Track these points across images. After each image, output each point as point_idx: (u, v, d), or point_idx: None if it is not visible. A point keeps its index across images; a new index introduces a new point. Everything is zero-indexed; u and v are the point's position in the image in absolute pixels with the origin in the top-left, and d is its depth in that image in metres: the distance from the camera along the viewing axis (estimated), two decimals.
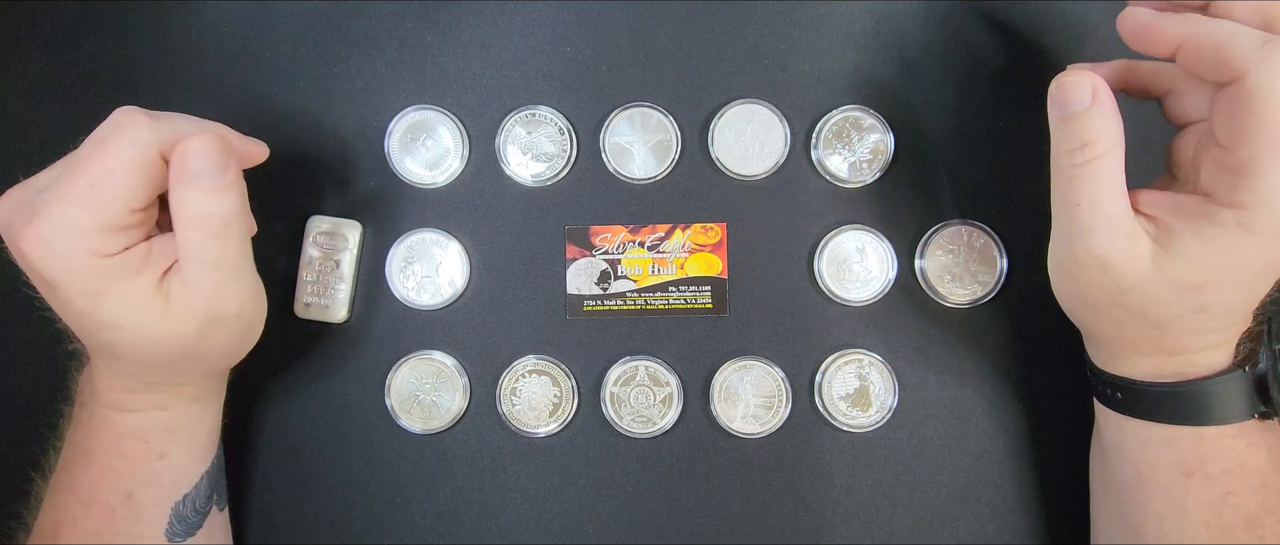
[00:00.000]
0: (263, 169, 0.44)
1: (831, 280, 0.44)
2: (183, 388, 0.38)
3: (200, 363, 0.37)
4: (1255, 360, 0.35)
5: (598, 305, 0.44)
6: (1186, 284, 0.32)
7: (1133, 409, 0.37)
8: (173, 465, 0.38)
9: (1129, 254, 0.32)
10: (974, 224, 0.43)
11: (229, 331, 0.36)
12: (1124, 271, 0.33)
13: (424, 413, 0.44)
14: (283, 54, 0.45)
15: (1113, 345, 0.37)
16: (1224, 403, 0.35)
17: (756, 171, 0.44)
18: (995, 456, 0.44)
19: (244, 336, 0.38)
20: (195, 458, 0.40)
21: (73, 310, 0.33)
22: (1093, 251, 0.33)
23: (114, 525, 0.37)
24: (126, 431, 0.37)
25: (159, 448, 0.38)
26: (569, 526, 0.44)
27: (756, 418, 0.44)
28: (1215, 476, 0.35)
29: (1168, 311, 0.33)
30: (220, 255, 0.34)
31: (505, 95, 0.45)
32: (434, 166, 0.44)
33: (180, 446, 0.39)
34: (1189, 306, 0.33)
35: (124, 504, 0.37)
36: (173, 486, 0.39)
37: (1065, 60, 0.43)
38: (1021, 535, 0.43)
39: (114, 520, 0.37)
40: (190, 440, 0.39)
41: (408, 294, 0.44)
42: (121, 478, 0.37)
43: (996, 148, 0.44)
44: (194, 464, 0.39)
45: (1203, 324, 0.34)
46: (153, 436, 0.38)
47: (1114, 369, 0.37)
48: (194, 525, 0.39)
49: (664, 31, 0.44)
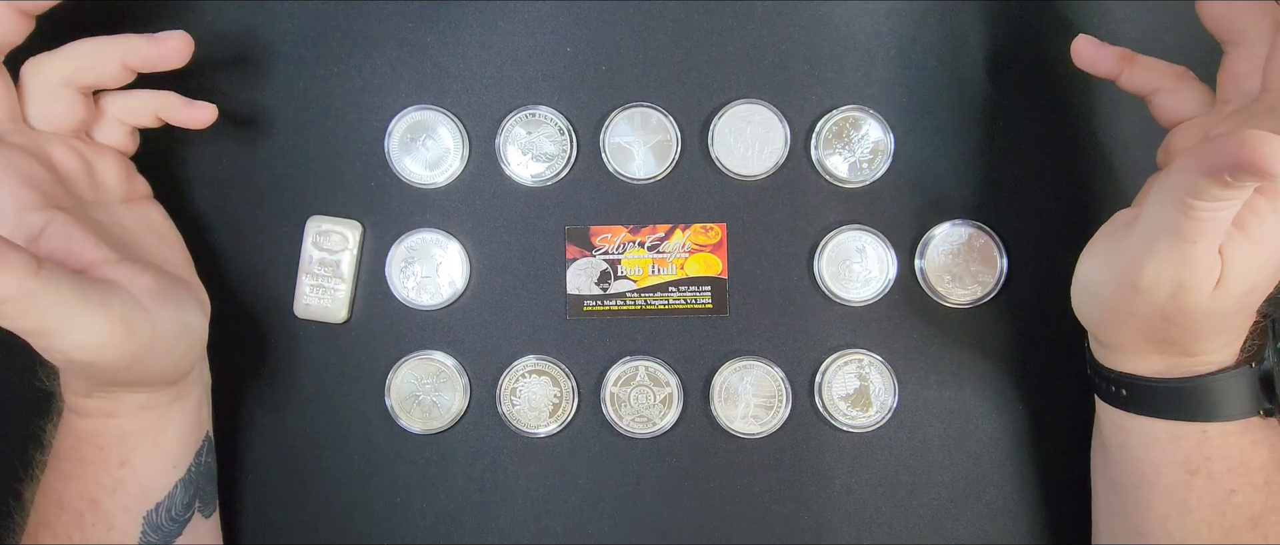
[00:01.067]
0: (263, 169, 0.44)
1: (831, 280, 0.44)
2: (126, 396, 0.36)
3: (132, 377, 0.35)
4: (1261, 357, 0.35)
5: (598, 305, 0.44)
6: (1241, 291, 0.32)
7: (1138, 406, 0.37)
8: (136, 473, 0.37)
9: (1207, 279, 0.31)
10: (974, 224, 0.43)
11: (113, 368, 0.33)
12: (1196, 295, 0.32)
13: (424, 413, 0.44)
14: (283, 54, 0.45)
15: (1128, 349, 0.36)
16: (1230, 399, 0.35)
17: (756, 171, 0.44)
18: (995, 456, 0.44)
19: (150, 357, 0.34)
20: (163, 466, 0.38)
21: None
22: (1181, 282, 0.31)
23: (84, 530, 0.36)
24: (83, 436, 0.37)
25: (117, 455, 0.37)
26: (569, 526, 0.44)
27: (756, 418, 0.44)
28: (1219, 475, 0.35)
29: (1218, 323, 0.33)
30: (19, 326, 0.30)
31: (505, 95, 0.45)
32: (434, 166, 0.44)
33: (142, 454, 0.37)
34: (1242, 310, 0.33)
35: (92, 510, 0.36)
36: (141, 495, 0.37)
37: (1065, 60, 0.43)
38: (1021, 535, 0.43)
39: (83, 525, 0.36)
40: (153, 448, 0.38)
41: (408, 294, 0.44)
42: (85, 483, 0.37)
43: (996, 148, 0.44)
44: (162, 472, 0.38)
45: (1235, 325, 0.34)
46: (108, 444, 0.37)
47: (1120, 366, 0.37)
48: (171, 534, 0.38)
49: (664, 31, 0.44)
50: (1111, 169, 0.43)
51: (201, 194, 0.45)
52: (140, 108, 0.39)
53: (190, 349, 0.37)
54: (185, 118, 0.38)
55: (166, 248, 0.39)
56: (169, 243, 0.39)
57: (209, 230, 0.45)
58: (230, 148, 0.45)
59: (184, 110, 0.38)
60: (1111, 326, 0.36)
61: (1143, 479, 0.37)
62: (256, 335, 0.45)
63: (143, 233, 0.38)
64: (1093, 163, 0.44)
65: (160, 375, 0.36)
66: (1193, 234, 0.30)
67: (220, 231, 0.45)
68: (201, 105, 0.38)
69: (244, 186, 0.45)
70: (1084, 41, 0.38)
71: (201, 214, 0.45)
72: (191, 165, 0.45)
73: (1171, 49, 0.43)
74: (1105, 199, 0.43)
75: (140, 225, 0.38)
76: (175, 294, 0.35)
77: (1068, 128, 0.44)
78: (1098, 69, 0.38)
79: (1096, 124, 0.44)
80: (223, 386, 0.43)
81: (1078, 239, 0.43)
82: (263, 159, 0.45)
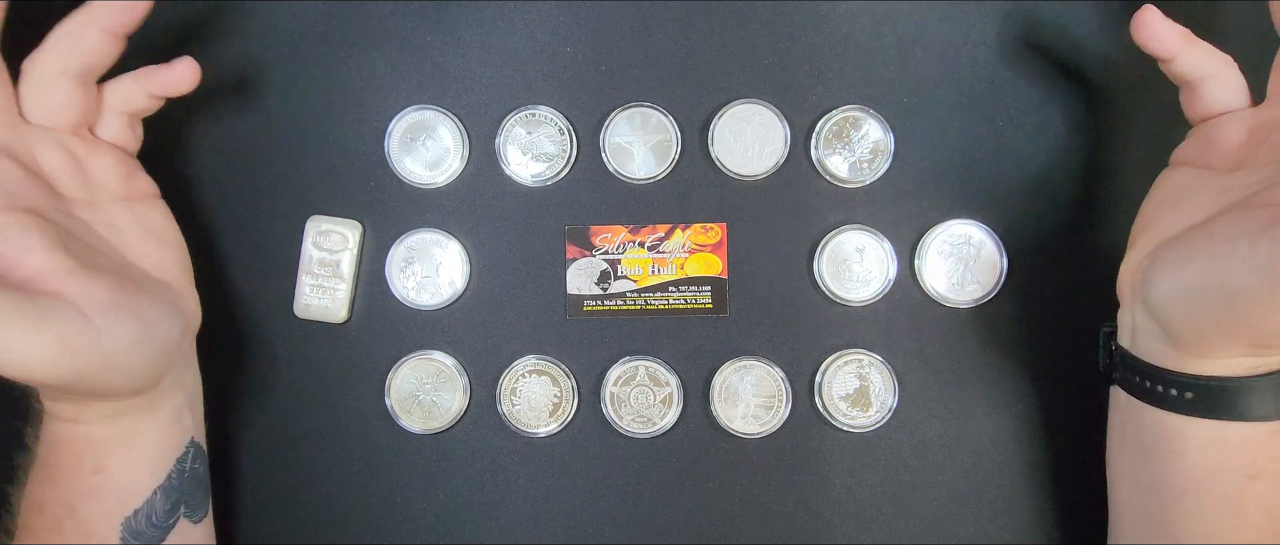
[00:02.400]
0: (263, 169, 0.44)
1: (831, 280, 0.44)
2: (93, 403, 0.35)
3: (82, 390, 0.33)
4: None
5: (598, 305, 0.44)
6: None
7: (1207, 409, 0.34)
8: (113, 480, 0.36)
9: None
10: (974, 224, 0.43)
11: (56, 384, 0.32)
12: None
13: (424, 413, 0.44)
14: (283, 54, 0.45)
15: (1219, 350, 0.33)
16: None
17: (756, 171, 0.44)
18: (995, 456, 0.44)
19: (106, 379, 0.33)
20: (139, 472, 0.37)
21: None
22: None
23: (63, 535, 0.36)
24: (57, 441, 0.36)
25: (90, 461, 0.36)
26: (569, 526, 0.44)
27: (756, 418, 0.44)
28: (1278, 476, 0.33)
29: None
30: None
31: (505, 95, 0.45)
32: (434, 166, 0.44)
33: (116, 461, 0.36)
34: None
35: (69, 516, 0.36)
36: (117, 500, 0.37)
37: (1066, 60, 0.44)
38: (1022, 535, 0.43)
39: (62, 531, 0.36)
40: (128, 455, 0.37)
41: (408, 294, 0.44)
42: (60, 488, 0.36)
43: (996, 148, 0.44)
44: (139, 478, 0.37)
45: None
46: (81, 450, 0.36)
47: (1196, 370, 0.34)
48: (153, 538, 0.37)
49: (664, 31, 0.44)
50: (1112, 169, 0.43)
51: (201, 194, 0.45)
52: (132, 90, 0.37)
53: (155, 360, 0.35)
54: (167, 81, 0.37)
55: (163, 250, 0.38)
56: (167, 245, 0.38)
57: (209, 230, 0.45)
58: (230, 148, 0.45)
59: (164, 74, 0.37)
60: (1224, 332, 0.32)
61: (1196, 485, 0.34)
62: (256, 335, 0.45)
63: (136, 234, 0.37)
64: (1093, 163, 0.44)
65: (119, 387, 0.34)
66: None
67: (220, 231, 0.45)
68: (179, 63, 0.37)
69: (244, 186, 0.45)
70: (1151, 12, 0.35)
71: (201, 214, 0.45)
72: (192, 165, 0.45)
73: None
74: (1105, 199, 0.43)
75: (135, 226, 0.37)
76: (138, 305, 0.34)
77: (1068, 128, 0.44)
78: (1159, 44, 0.35)
79: (1097, 124, 0.44)
80: (222, 386, 0.43)
81: (1078, 239, 0.43)
82: (263, 159, 0.45)
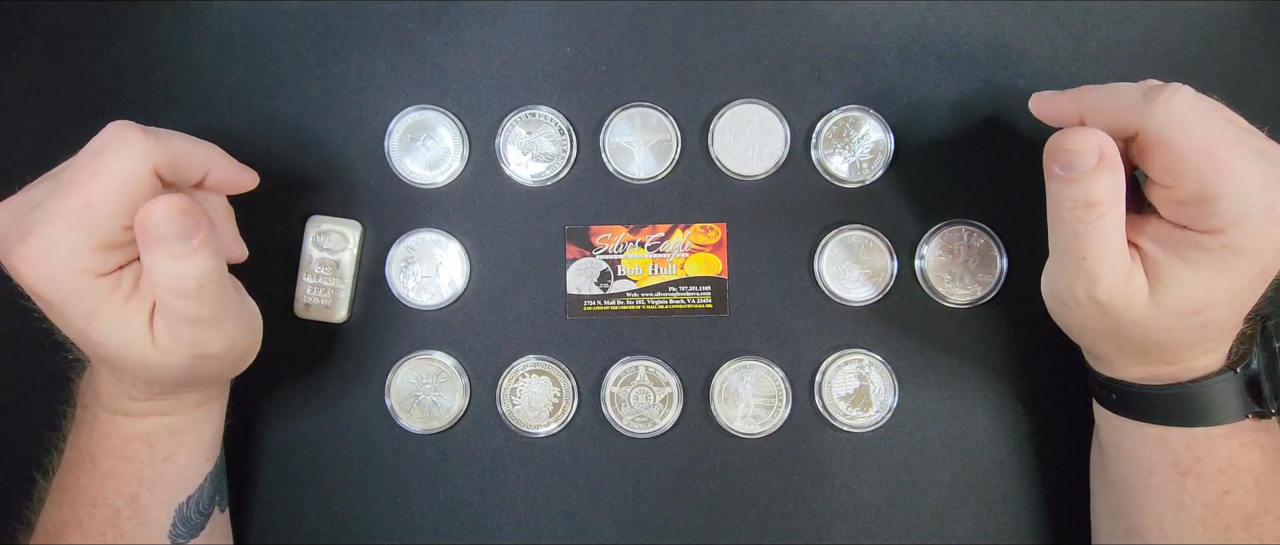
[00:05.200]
0: (263, 169, 0.44)
1: (831, 280, 0.44)
2: (186, 395, 0.38)
3: (198, 381, 0.37)
4: (1247, 361, 0.35)
5: (598, 305, 0.44)
6: (1185, 310, 0.33)
7: (1129, 410, 0.37)
8: (177, 467, 0.38)
9: (1127, 294, 0.33)
10: (974, 224, 0.43)
11: (222, 362, 0.36)
12: (1124, 310, 0.33)
13: (424, 413, 0.44)
14: (283, 54, 0.45)
15: (1109, 358, 0.37)
16: (1217, 404, 0.35)
17: (756, 171, 0.44)
18: (995, 456, 0.44)
19: (239, 362, 0.38)
20: (200, 459, 0.40)
21: (69, 326, 0.33)
22: (1095, 298, 0.33)
23: (119, 527, 0.37)
24: (132, 435, 0.37)
25: (164, 450, 0.38)
26: (569, 526, 0.44)
27: (756, 418, 0.44)
28: (1210, 476, 0.35)
29: (1168, 336, 0.34)
30: (196, 313, 0.33)
31: (505, 95, 0.45)
32: (434, 166, 0.44)
33: (185, 449, 0.39)
34: (1189, 327, 0.33)
35: (129, 506, 0.37)
36: (178, 488, 0.39)
37: (1065, 60, 0.44)
38: (1021, 535, 0.43)
39: (118, 522, 0.37)
40: (195, 442, 0.39)
41: (408, 294, 0.44)
42: (127, 480, 0.37)
43: (996, 148, 0.44)
44: (198, 465, 0.39)
45: (1201, 338, 0.34)
46: (157, 440, 0.38)
47: (1110, 373, 0.38)
48: (196, 527, 0.39)
49: (664, 31, 0.44)
50: None
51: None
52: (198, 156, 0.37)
53: (253, 352, 0.39)
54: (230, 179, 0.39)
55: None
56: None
57: None
58: (230, 148, 0.45)
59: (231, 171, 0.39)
60: (1081, 340, 0.38)
61: (1138, 479, 0.37)
62: None
63: None
64: None
65: (227, 375, 0.39)
66: (1079, 250, 0.33)
67: None
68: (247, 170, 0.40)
69: None
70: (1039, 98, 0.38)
71: None
72: None
73: (1170, 49, 0.43)
74: None
75: None
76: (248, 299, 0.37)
77: None
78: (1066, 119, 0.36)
79: None
80: None
81: None
82: (263, 159, 0.45)
